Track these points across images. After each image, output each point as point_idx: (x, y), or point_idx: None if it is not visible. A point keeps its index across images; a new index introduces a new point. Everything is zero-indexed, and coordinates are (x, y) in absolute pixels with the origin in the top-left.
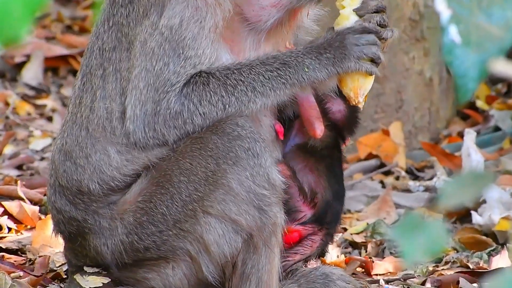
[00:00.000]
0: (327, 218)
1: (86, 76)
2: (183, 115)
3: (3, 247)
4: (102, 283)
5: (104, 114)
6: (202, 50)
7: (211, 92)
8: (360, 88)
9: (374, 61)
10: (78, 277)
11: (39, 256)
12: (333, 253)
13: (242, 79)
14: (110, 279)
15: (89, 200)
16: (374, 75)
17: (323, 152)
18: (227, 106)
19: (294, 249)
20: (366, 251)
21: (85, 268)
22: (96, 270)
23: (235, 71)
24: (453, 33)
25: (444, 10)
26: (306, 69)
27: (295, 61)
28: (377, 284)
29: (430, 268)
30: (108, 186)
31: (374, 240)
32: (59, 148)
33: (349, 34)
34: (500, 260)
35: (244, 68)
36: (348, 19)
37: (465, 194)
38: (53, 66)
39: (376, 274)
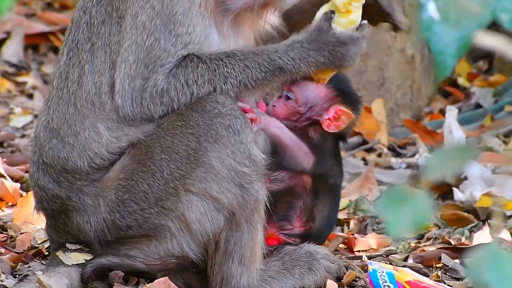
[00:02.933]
0: (313, 240)
1: (73, 50)
2: (170, 93)
3: None
4: (85, 259)
5: (93, 89)
6: (193, 27)
7: (199, 75)
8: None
9: None
10: (60, 254)
11: (21, 233)
12: None
13: (234, 73)
14: (92, 256)
15: (73, 178)
16: None
17: (330, 173)
18: (216, 89)
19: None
20: (348, 228)
21: (67, 245)
22: (79, 247)
23: (228, 64)
24: (432, 9)
25: None
26: (301, 73)
27: (292, 67)
28: (359, 260)
29: (412, 244)
30: (94, 164)
31: (356, 216)
32: (44, 125)
33: (352, 45)
34: (481, 236)
35: (238, 64)
36: (354, 23)
37: (449, 167)
38: (33, 43)
39: (359, 251)
